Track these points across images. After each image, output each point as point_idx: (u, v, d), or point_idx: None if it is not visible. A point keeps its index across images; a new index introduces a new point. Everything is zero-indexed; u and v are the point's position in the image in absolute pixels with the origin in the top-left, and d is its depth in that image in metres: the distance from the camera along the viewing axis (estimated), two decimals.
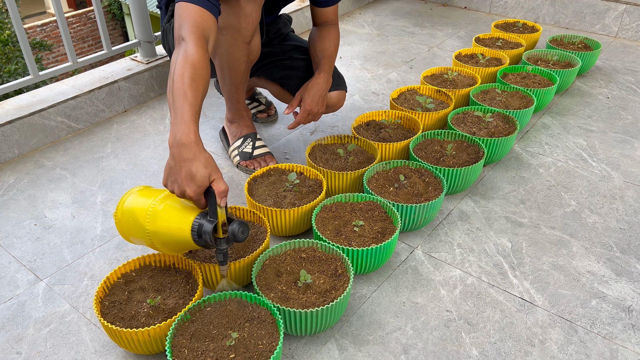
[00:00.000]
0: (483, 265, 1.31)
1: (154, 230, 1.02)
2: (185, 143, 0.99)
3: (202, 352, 0.97)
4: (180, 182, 0.99)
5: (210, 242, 0.99)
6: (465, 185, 1.53)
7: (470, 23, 2.90)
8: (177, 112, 1.02)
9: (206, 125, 1.91)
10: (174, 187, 1.01)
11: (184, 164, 0.98)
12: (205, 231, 0.98)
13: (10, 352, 1.11)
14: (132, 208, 1.06)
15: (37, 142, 1.78)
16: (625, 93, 2.14)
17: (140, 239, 1.08)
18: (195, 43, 1.11)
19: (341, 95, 1.65)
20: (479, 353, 1.10)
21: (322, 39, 1.58)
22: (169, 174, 1.02)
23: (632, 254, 1.35)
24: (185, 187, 0.99)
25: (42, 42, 6.65)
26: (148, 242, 1.06)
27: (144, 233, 1.04)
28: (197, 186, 0.98)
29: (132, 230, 1.08)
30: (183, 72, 1.06)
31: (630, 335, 1.14)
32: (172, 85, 1.06)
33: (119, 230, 1.12)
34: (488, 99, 1.85)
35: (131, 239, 1.11)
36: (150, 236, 1.03)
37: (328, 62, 1.56)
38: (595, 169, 1.67)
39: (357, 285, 1.26)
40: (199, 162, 0.99)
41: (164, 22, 1.62)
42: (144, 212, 1.03)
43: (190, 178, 0.98)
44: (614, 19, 2.65)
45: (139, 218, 1.04)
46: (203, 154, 1.00)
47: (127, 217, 1.07)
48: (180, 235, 1.01)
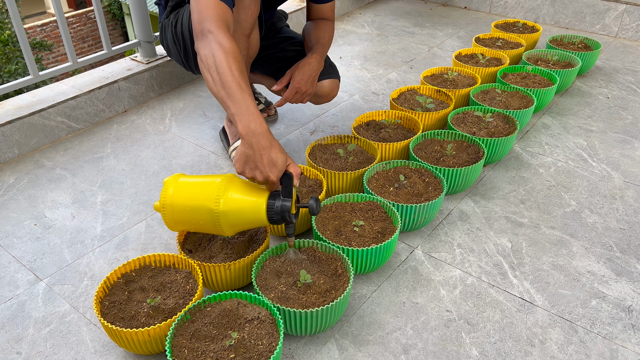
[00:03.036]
0: (483, 265, 1.31)
1: (224, 210, 1.08)
2: (261, 132, 1.07)
3: (202, 352, 0.97)
4: (262, 169, 1.07)
5: (289, 218, 1.09)
6: (465, 185, 1.53)
7: (470, 23, 2.90)
8: (240, 104, 1.07)
9: (206, 125, 1.91)
10: (255, 173, 1.08)
11: (264, 152, 1.06)
12: (286, 209, 1.08)
13: (10, 352, 1.11)
14: (192, 195, 1.11)
15: (37, 142, 1.78)
16: (625, 93, 2.14)
17: (197, 223, 1.12)
18: (226, 35, 1.14)
19: (334, 84, 1.63)
20: (479, 353, 1.10)
21: (317, 28, 1.57)
22: (246, 162, 1.08)
23: (632, 254, 1.35)
24: (268, 173, 1.07)
25: (42, 42, 6.65)
26: (210, 224, 1.10)
27: (209, 216, 1.09)
28: (279, 171, 1.08)
29: (189, 216, 1.12)
30: (229, 64, 1.09)
31: (630, 335, 1.14)
32: (222, 78, 1.09)
33: (167, 220, 1.14)
34: (488, 99, 1.85)
35: (181, 227, 1.15)
36: (219, 217, 1.09)
37: (321, 47, 1.54)
38: (595, 169, 1.67)
39: (357, 285, 1.26)
40: (276, 149, 1.07)
41: (163, 17, 1.62)
42: (212, 197, 1.08)
43: (272, 164, 1.07)
44: (614, 19, 2.65)
45: (205, 202, 1.09)
46: (276, 141, 1.09)
47: (183, 206, 1.11)
48: (254, 215, 1.09)
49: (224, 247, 1.22)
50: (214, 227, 1.11)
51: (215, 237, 1.25)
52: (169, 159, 1.73)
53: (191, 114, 1.98)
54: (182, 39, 1.58)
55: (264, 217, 1.09)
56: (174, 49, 1.66)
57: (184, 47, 1.60)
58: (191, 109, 2.02)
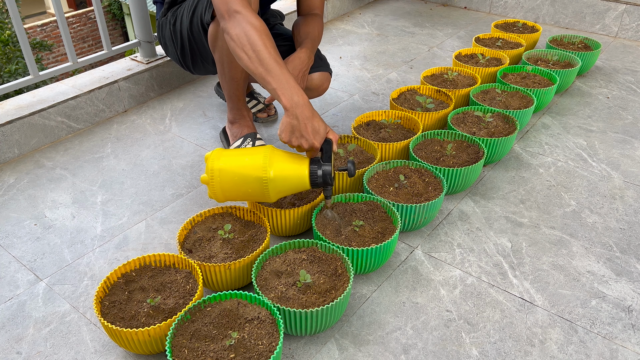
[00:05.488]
0: (483, 265, 1.31)
1: (272, 178, 1.19)
2: (304, 103, 1.17)
3: (202, 352, 0.97)
4: (307, 137, 1.17)
5: (330, 181, 1.20)
6: (465, 185, 1.53)
7: (470, 23, 2.90)
8: (280, 78, 1.16)
9: (206, 125, 1.91)
10: (301, 141, 1.18)
11: (308, 122, 1.16)
12: (327, 173, 1.19)
13: (10, 352, 1.11)
14: (239, 165, 1.20)
15: (37, 142, 1.78)
16: (625, 93, 2.14)
17: (245, 192, 1.22)
18: (254, 14, 1.21)
19: (324, 77, 1.62)
20: (479, 353, 1.10)
21: (306, 23, 1.57)
22: (293, 132, 1.18)
23: (632, 254, 1.35)
24: (313, 141, 1.17)
25: (42, 42, 6.65)
26: (258, 192, 1.20)
27: (258, 184, 1.19)
28: (322, 138, 1.19)
29: (237, 186, 1.21)
30: (264, 42, 1.17)
31: (630, 335, 1.14)
32: (258, 56, 1.17)
33: (216, 191, 1.22)
34: (488, 99, 1.85)
35: (227, 196, 1.24)
36: (268, 184, 1.19)
37: (311, 42, 1.54)
38: (595, 169, 1.68)
39: (357, 285, 1.26)
40: (317, 118, 1.18)
41: (160, 15, 1.62)
42: (260, 166, 1.18)
43: (315, 132, 1.17)
44: (614, 19, 2.65)
45: (254, 172, 1.19)
46: (315, 111, 1.18)
47: (232, 175, 1.20)
48: (299, 180, 1.20)
49: (224, 247, 1.22)
50: (261, 195, 1.21)
51: (215, 237, 1.25)
52: (169, 159, 1.73)
53: (191, 114, 1.98)
54: (181, 38, 1.58)
55: (307, 182, 1.20)
56: (172, 47, 1.66)
57: (181, 45, 1.60)
58: (191, 109, 2.02)
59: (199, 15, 1.48)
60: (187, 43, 1.58)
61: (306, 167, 1.19)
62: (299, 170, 1.20)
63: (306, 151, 1.22)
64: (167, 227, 1.44)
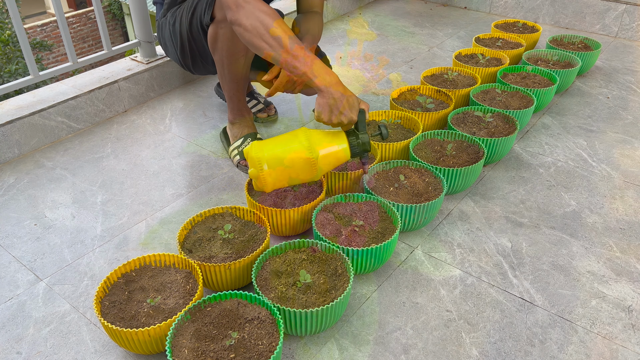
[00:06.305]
0: (483, 265, 1.31)
1: (319, 156, 1.24)
2: (337, 81, 1.22)
3: (202, 352, 0.97)
4: (346, 112, 1.22)
5: (369, 148, 1.27)
6: (465, 185, 1.53)
7: (470, 23, 2.90)
8: (307, 62, 1.20)
9: (206, 126, 1.91)
10: (341, 118, 1.23)
11: (343, 98, 1.21)
12: (366, 141, 1.26)
13: (11, 352, 1.11)
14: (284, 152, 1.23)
15: (37, 142, 1.78)
16: (625, 93, 2.14)
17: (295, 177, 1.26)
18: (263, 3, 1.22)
19: None
20: (479, 353, 1.10)
21: (306, 20, 1.56)
22: (332, 111, 1.22)
23: (632, 254, 1.35)
24: (351, 115, 1.23)
25: (42, 42, 6.65)
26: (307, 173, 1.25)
27: (307, 165, 1.24)
28: (357, 110, 1.24)
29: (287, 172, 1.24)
30: (282, 28, 1.19)
31: (630, 335, 1.14)
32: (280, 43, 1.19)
33: (265, 182, 1.24)
34: (488, 99, 1.85)
35: (277, 185, 1.27)
36: (317, 163, 1.24)
37: (312, 38, 1.53)
38: (595, 169, 1.67)
39: (357, 285, 1.26)
40: (349, 92, 1.22)
41: (160, 16, 1.62)
42: (305, 148, 1.23)
43: (351, 106, 1.23)
44: (614, 19, 2.65)
45: (301, 154, 1.23)
46: (345, 86, 1.23)
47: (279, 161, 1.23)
48: (342, 153, 1.26)
49: (224, 247, 1.22)
50: (310, 175, 1.27)
51: (215, 237, 1.25)
52: (169, 159, 1.73)
53: (191, 114, 1.98)
54: (180, 38, 1.58)
55: (348, 153, 1.26)
56: (172, 48, 1.66)
57: (181, 46, 1.60)
58: (191, 109, 2.02)
59: (198, 16, 1.48)
60: (186, 44, 1.58)
61: (345, 140, 1.26)
62: (340, 144, 1.26)
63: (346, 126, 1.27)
64: (167, 227, 1.44)
